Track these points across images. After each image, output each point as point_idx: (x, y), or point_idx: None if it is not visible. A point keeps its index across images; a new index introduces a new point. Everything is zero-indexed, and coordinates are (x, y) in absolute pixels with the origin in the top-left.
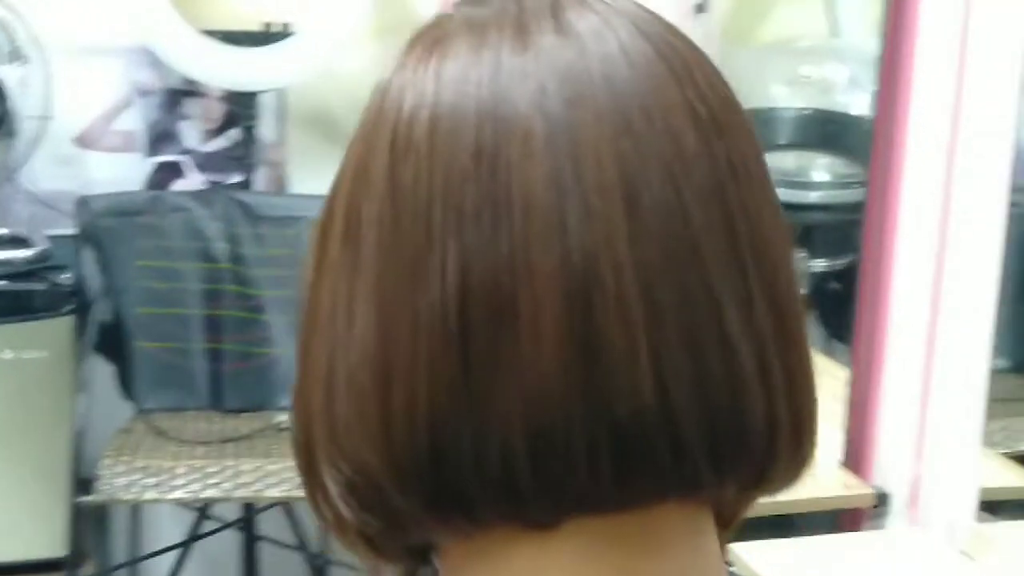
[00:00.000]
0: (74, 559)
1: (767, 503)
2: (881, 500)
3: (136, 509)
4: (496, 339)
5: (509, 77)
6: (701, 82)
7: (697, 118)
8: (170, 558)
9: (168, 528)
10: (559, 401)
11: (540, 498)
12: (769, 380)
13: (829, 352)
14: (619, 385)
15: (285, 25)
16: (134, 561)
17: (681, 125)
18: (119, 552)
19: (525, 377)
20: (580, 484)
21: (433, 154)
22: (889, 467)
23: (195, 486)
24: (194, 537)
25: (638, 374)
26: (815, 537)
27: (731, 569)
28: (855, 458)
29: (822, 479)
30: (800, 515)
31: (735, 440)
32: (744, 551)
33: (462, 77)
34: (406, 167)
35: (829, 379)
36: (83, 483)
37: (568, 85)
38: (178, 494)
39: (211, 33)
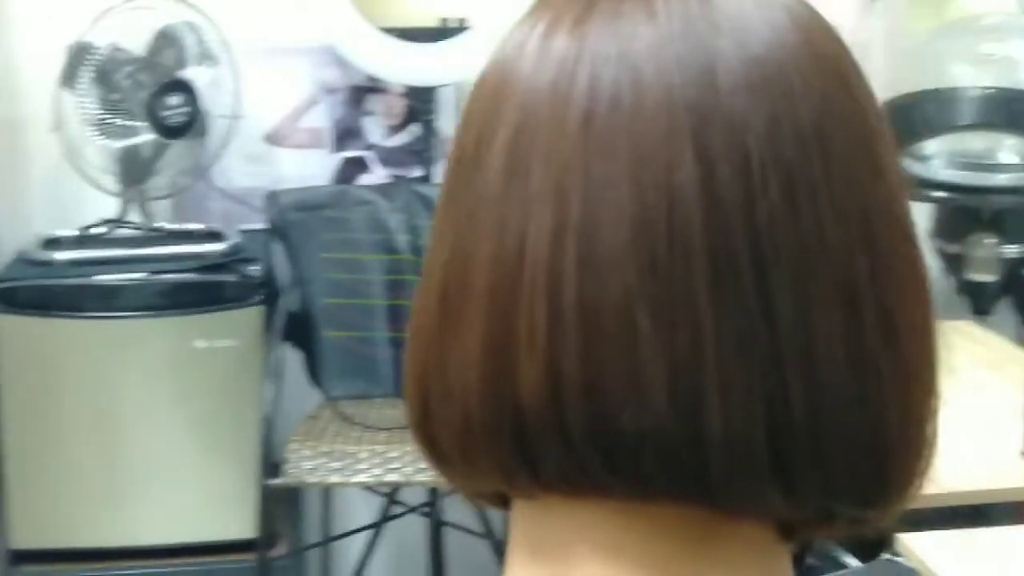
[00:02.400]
0: (265, 540)
1: (946, 494)
2: None
3: (327, 492)
4: (456, 316)
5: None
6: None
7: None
8: (360, 540)
9: (359, 511)
10: (475, 381)
11: (466, 459)
12: (690, 390)
13: (1022, 340)
14: (520, 373)
15: (461, 20)
16: (325, 542)
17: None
18: (312, 533)
19: (461, 356)
20: (497, 466)
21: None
22: None
23: (377, 470)
24: (382, 520)
25: (534, 368)
26: (990, 529)
27: (899, 559)
28: None
29: (1002, 469)
30: (988, 506)
31: (632, 452)
32: (916, 541)
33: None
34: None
35: (1016, 368)
36: (272, 467)
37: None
38: (361, 478)
39: (390, 30)
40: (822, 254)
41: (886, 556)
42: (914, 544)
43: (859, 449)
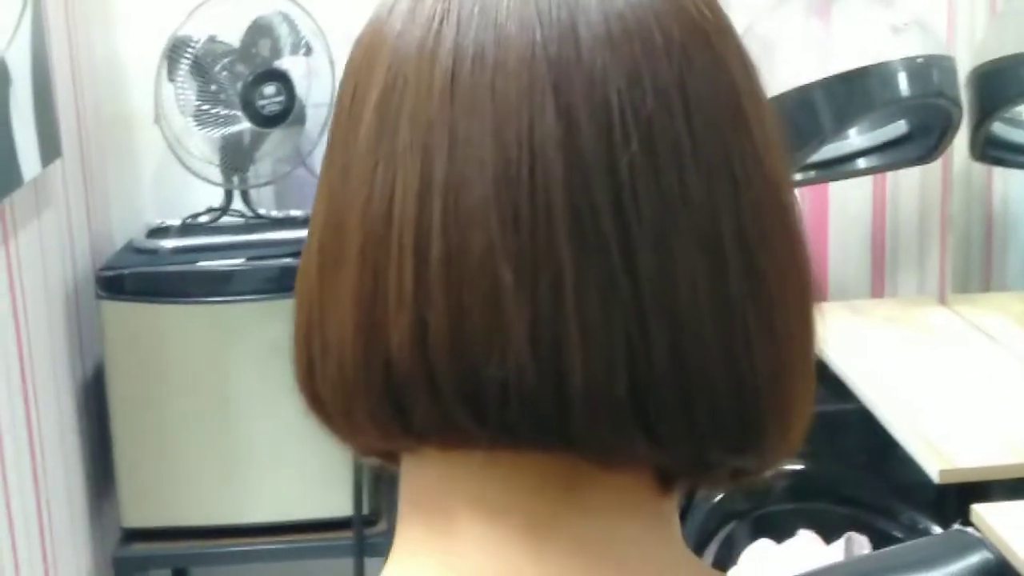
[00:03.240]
0: (363, 518)
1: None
2: None
3: None
4: (332, 275)
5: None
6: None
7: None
8: None
9: None
10: (350, 335)
11: (359, 429)
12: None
13: None
14: (389, 327)
15: None
16: None
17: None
18: None
19: (338, 311)
20: (370, 416)
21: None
22: None
23: None
24: None
25: (402, 322)
26: None
27: (968, 529)
28: None
29: None
30: None
31: (498, 404)
32: (990, 511)
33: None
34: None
35: None
36: None
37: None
38: None
39: None
40: (684, 206)
41: (957, 526)
42: (987, 513)
43: (724, 397)
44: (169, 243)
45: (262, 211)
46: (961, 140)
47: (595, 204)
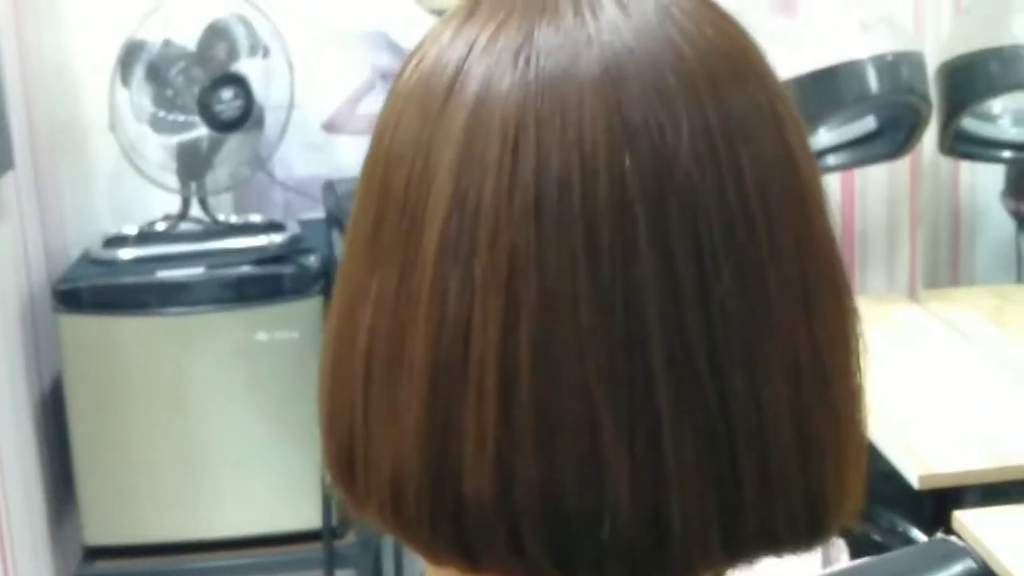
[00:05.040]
0: (332, 530)
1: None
2: None
3: None
4: (386, 392)
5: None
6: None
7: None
8: None
9: None
10: (413, 481)
11: (410, 547)
12: (642, 477)
13: None
14: (464, 486)
15: None
16: None
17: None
18: None
19: (394, 446)
20: (429, 543)
21: (384, 177)
22: None
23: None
24: None
25: (482, 476)
26: None
27: (951, 538)
28: None
29: None
30: None
31: (591, 548)
32: (972, 517)
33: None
34: (371, 177)
35: None
36: None
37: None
38: None
39: (440, 13)
40: (769, 331)
41: (940, 535)
42: (969, 521)
43: (801, 508)
44: (127, 253)
45: (221, 217)
46: (928, 135)
47: (689, 344)
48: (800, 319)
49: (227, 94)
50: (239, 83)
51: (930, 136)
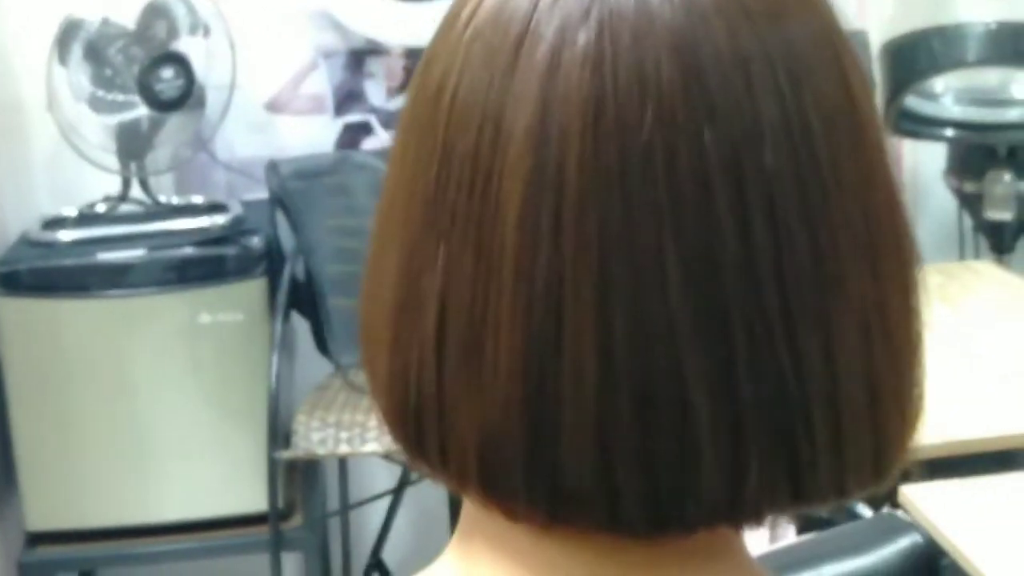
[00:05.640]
0: (278, 512)
1: (967, 441)
2: None
3: (343, 463)
4: (464, 363)
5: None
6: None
7: None
8: (381, 509)
9: (378, 480)
10: (507, 449)
11: (489, 505)
12: (733, 443)
13: None
14: (562, 454)
15: None
16: (341, 511)
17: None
18: (332, 504)
19: (482, 411)
20: (519, 508)
21: (446, 139)
22: None
23: (387, 439)
24: (399, 487)
25: (582, 448)
26: (1000, 476)
27: (898, 512)
28: None
29: (1018, 414)
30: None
31: (679, 510)
32: (917, 493)
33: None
34: (427, 139)
35: None
36: (283, 439)
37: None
38: (372, 446)
39: None
40: (840, 290)
41: (886, 509)
42: (915, 495)
43: (868, 459)
44: (66, 235)
45: (162, 198)
46: None
47: (766, 312)
48: (866, 273)
49: (167, 73)
50: (179, 62)
51: None
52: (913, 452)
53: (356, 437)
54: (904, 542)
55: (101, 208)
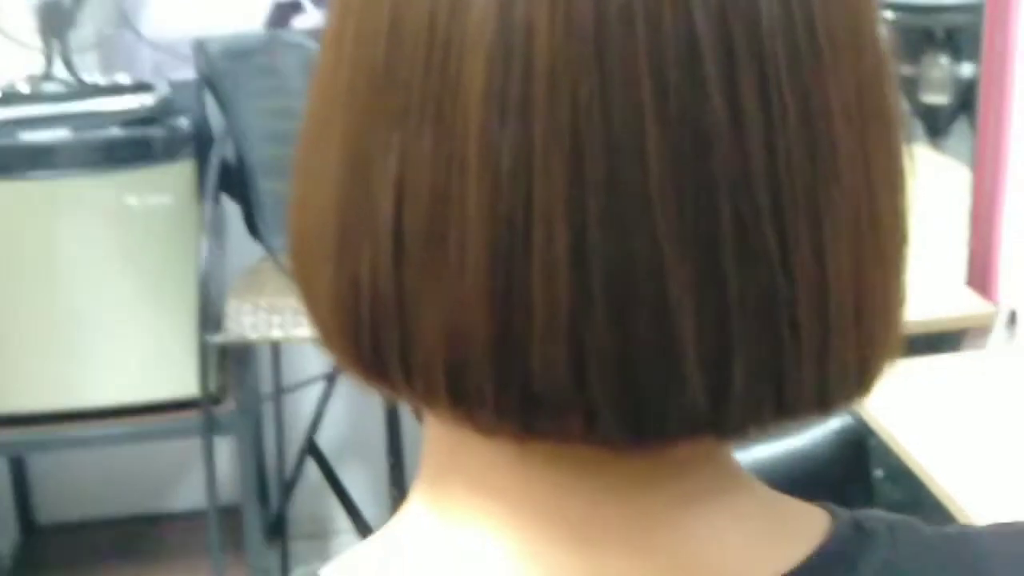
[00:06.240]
0: (209, 397)
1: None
2: (1011, 319)
3: (277, 348)
4: (426, 256)
5: None
6: None
7: None
8: (315, 393)
9: (312, 366)
10: (475, 351)
11: (458, 417)
12: (714, 345)
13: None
14: (533, 348)
15: None
16: (273, 396)
17: None
18: (265, 389)
19: (447, 309)
20: (490, 419)
21: (394, 8)
22: (1016, 286)
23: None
24: (334, 373)
25: (554, 346)
26: (926, 358)
27: None
28: (980, 277)
29: (945, 298)
30: (935, 336)
31: (659, 416)
32: None
33: None
34: (370, 10)
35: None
36: (214, 323)
37: None
38: (303, 331)
39: None
40: (833, 181)
41: None
42: None
43: (853, 365)
44: None
45: (86, 77)
46: None
47: (754, 197)
48: (859, 165)
49: None
50: None
51: None
52: (893, 362)
53: (288, 321)
54: (835, 423)
55: (23, 88)
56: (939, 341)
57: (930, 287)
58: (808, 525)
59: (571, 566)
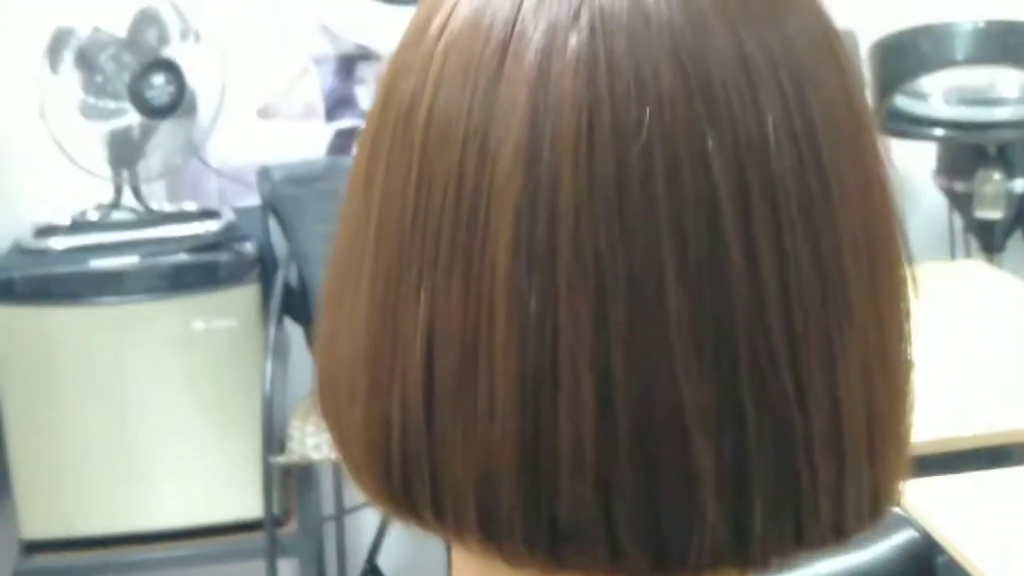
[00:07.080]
0: (273, 518)
1: (966, 437)
2: None
3: (338, 468)
4: (456, 399)
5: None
6: None
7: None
8: (376, 513)
9: None
10: (505, 490)
11: (488, 551)
12: (738, 487)
13: None
14: (561, 487)
15: None
16: (336, 517)
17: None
18: (328, 510)
19: (477, 449)
20: (520, 552)
21: (423, 160)
22: None
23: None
24: None
25: (582, 484)
26: (997, 471)
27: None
28: None
29: (1011, 412)
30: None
31: (682, 550)
32: (911, 489)
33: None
34: (399, 160)
35: None
36: (277, 445)
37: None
38: None
39: None
40: (844, 311)
41: None
42: (909, 491)
43: (868, 495)
44: (59, 243)
45: (154, 205)
46: None
47: (770, 335)
48: (868, 299)
49: (158, 80)
50: (170, 68)
51: None
52: (905, 486)
53: None
54: (901, 538)
55: (93, 216)
56: (1006, 455)
57: (996, 401)
58: None
59: None
